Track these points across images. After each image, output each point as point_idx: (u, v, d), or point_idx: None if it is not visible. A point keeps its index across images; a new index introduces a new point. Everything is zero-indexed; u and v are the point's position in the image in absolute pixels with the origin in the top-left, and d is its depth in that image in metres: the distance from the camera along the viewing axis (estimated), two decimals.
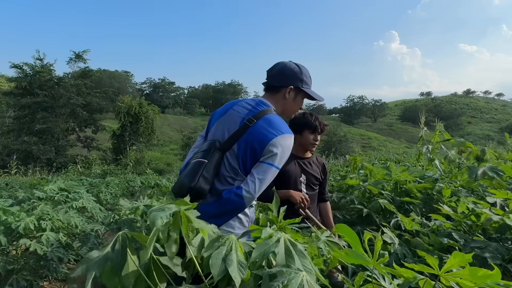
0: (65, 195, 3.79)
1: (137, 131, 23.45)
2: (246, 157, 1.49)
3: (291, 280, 0.72)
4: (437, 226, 1.91)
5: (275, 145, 1.45)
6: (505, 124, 63.39)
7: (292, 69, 1.64)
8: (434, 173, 2.98)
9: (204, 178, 1.45)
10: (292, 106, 1.69)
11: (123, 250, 0.80)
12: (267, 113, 1.54)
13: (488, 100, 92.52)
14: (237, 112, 1.59)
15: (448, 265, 0.83)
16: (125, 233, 0.84)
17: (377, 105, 69.76)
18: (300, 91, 1.66)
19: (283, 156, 1.49)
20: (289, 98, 1.65)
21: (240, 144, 1.50)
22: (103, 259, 0.78)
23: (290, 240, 0.88)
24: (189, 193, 1.42)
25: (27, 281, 2.69)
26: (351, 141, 33.84)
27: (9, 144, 19.88)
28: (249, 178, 1.43)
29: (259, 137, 1.47)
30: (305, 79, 1.66)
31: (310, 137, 2.25)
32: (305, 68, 1.69)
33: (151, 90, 61.40)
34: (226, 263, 0.77)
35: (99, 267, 0.77)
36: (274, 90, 1.65)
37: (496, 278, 0.79)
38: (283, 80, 1.63)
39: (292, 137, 1.54)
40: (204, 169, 1.45)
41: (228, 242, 0.82)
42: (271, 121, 1.52)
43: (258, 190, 1.42)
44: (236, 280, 0.74)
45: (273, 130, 1.48)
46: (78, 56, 24.24)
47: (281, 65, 1.66)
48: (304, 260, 0.84)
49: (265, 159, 1.46)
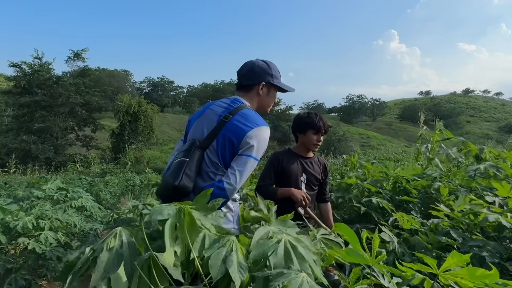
0: (64, 194, 3.78)
1: (136, 130, 23.42)
2: (225, 151, 1.56)
3: (292, 280, 0.72)
4: (435, 225, 1.91)
5: (251, 137, 1.52)
6: (504, 123, 63.47)
7: (261, 66, 1.72)
8: (433, 172, 2.98)
9: (187, 176, 1.50)
10: (267, 100, 1.77)
11: (131, 245, 0.79)
12: (242, 108, 1.63)
13: (487, 99, 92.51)
14: (214, 111, 1.66)
15: (447, 265, 0.83)
16: (125, 228, 0.83)
17: (376, 104, 69.70)
18: (271, 86, 1.75)
19: (260, 148, 1.56)
20: (262, 94, 1.73)
21: (219, 139, 1.57)
22: (116, 256, 0.77)
23: (291, 242, 0.87)
24: (173, 192, 1.48)
25: (25, 280, 2.68)
26: (350, 140, 33.87)
27: (8, 143, 19.81)
28: (230, 171, 1.50)
29: (236, 131, 1.55)
30: (275, 74, 1.75)
31: (313, 137, 2.25)
32: (272, 63, 1.77)
33: (150, 89, 61.19)
34: (227, 264, 0.77)
35: (116, 266, 0.76)
36: (247, 89, 1.73)
37: (494, 278, 0.79)
38: (255, 78, 1.71)
39: (268, 129, 1.61)
40: (187, 167, 1.51)
41: (229, 243, 0.81)
42: (247, 115, 1.60)
43: (239, 181, 1.49)
44: (236, 282, 0.74)
45: (249, 123, 1.56)
46: (77, 55, 24.13)
47: (250, 64, 1.74)
48: (304, 263, 0.83)
49: (243, 152, 1.53)
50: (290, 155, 2.31)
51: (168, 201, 1.59)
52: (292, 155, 2.31)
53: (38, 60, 22.26)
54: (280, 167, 2.24)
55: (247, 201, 3.36)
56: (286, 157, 2.28)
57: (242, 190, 3.49)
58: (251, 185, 3.96)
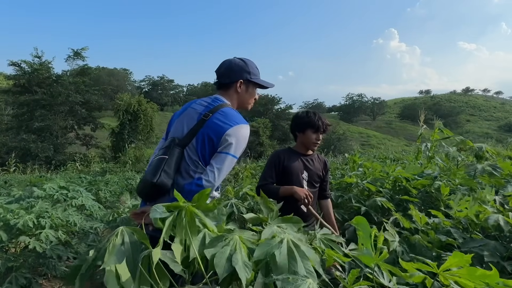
0: (64, 193, 3.78)
1: (136, 128, 23.39)
2: (204, 149, 1.57)
3: (298, 287, 0.73)
4: (436, 224, 1.91)
5: (230, 135, 1.55)
6: (504, 122, 63.44)
7: (238, 64, 1.75)
8: (433, 171, 2.98)
9: (166, 173, 1.52)
10: (247, 98, 1.79)
11: (134, 243, 0.80)
12: (222, 106, 1.65)
13: (487, 98, 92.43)
14: (195, 109, 1.69)
15: (447, 264, 0.84)
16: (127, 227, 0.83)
17: (376, 103, 69.63)
18: (250, 82, 1.76)
19: (239, 146, 1.57)
20: (241, 91, 1.75)
21: (198, 137, 1.59)
22: (121, 253, 0.78)
23: (293, 241, 0.87)
24: (152, 189, 1.50)
25: (26, 279, 2.69)
26: (350, 139, 33.89)
27: (8, 142, 19.79)
28: (208, 168, 1.52)
29: (215, 128, 1.57)
30: (252, 71, 1.76)
31: (312, 136, 2.26)
32: (249, 60, 1.79)
33: (150, 88, 61.21)
34: (233, 262, 0.77)
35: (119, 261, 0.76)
36: (226, 87, 1.75)
37: (494, 278, 0.79)
38: (232, 76, 1.73)
39: (248, 127, 1.63)
40: (165, 164, 1.53)
41: (233, 242, 0.82)
42: (227, 113, 1.62)
43: (217, 178, 1.50)
44: (242, 280, 0.75)
45: (228, 121, 1.58)
46: (77, 53, 24.02)
47: (227, 63, 1.77)
48: (307, 262, 0.83)
49: (222, 149, 1.55)
50: (290, 153, 2.31)
51: (147, 199, 1.61)
52: (292, 153, 2.32)
53: (37, 59, 22.22)
54: (281, 166, 2.24)
55: (247, 200, 3.36)
56: (287, 155, 2.29)
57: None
58: (251, 184, 3.95)
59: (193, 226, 0.83)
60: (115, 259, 0.76)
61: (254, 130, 27.07)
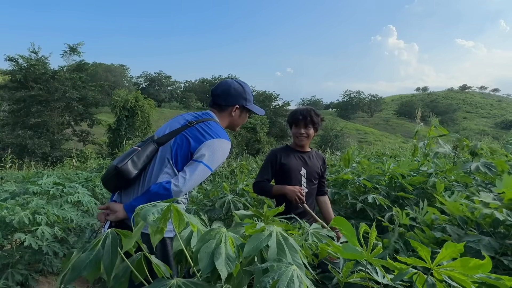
0: (60, 189, 3.77)
1: (133, 125, 23.33)
2: (179, 150, 1.59)
3: (281, 274, 0.72)
4: (432, 220, 1.92)
5: (208, 145, 1.56)
6: (500, 120, 63.74)
7: (237, 89, 1.78)
8: (429, 168, 2.99)
9: (133, 162, 1.53)
10: (238, 121, 1.85)
11: (114, 249, 0.79)
12: (210, 120, 1.69)
13: (484, 95, 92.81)
14: (183, 117, 1.74)
15: (441, 257, 0.84)
16: (115, 230, 0.83)
17: (374, 100, 69.77)
18: (244, 109, 1.82)
19: (215, 158, 1.58)
20: (235, 116, 1.80)
21: (177, 138, 1.61)
22: (95, 259, 0.77)
23: (282, 233, 0.88)
24: (114, 175, 1.49)
25: (22, 275, 2.68)
26: (348, 135, 33.89)
27: (4, 138, 19.71)
28: (180, 174, 1.52)
29: (196, 135, 1.60)
30: (248, 97, 1.81)
31: (295, 130, 2.32)
32: (246, 85, 1.84)
33: (147, 84, 60.94)
34: (214, 256, 0.76)
35: (91, 267, 0.76)
36: (220, 108, 1.79)
37: (487, 267, 0.79)
38: (229, 100, 1.76)
39: (229, 144, 1.65)
40: (136, 154, 1.55)
41: (218, 235, 0.81)
42: (212, 126, 1.66)
43: (186, 185, 1.49)
44: (222, 274, 0.74)
45: (211, 133, 1.61)
46: (73, 49, 23.81)
47: (225, 85, 1.79)
48: (295, 254, 0.85)
49: (197, 158, 1.55)
50: (288, 151, 2.33)
51: (109, 187, 1.61)
52: (290, 150, 2.34)
53: (34, 54, 22.09)
54: (278, 164, 2.26)
55: (244, 196, 3.37)
56: (285, 153, 2.30)
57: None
58: (247, 180, 3.96)
59: (180, 222, 0.83)
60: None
61: (251, 127, 27.05)
